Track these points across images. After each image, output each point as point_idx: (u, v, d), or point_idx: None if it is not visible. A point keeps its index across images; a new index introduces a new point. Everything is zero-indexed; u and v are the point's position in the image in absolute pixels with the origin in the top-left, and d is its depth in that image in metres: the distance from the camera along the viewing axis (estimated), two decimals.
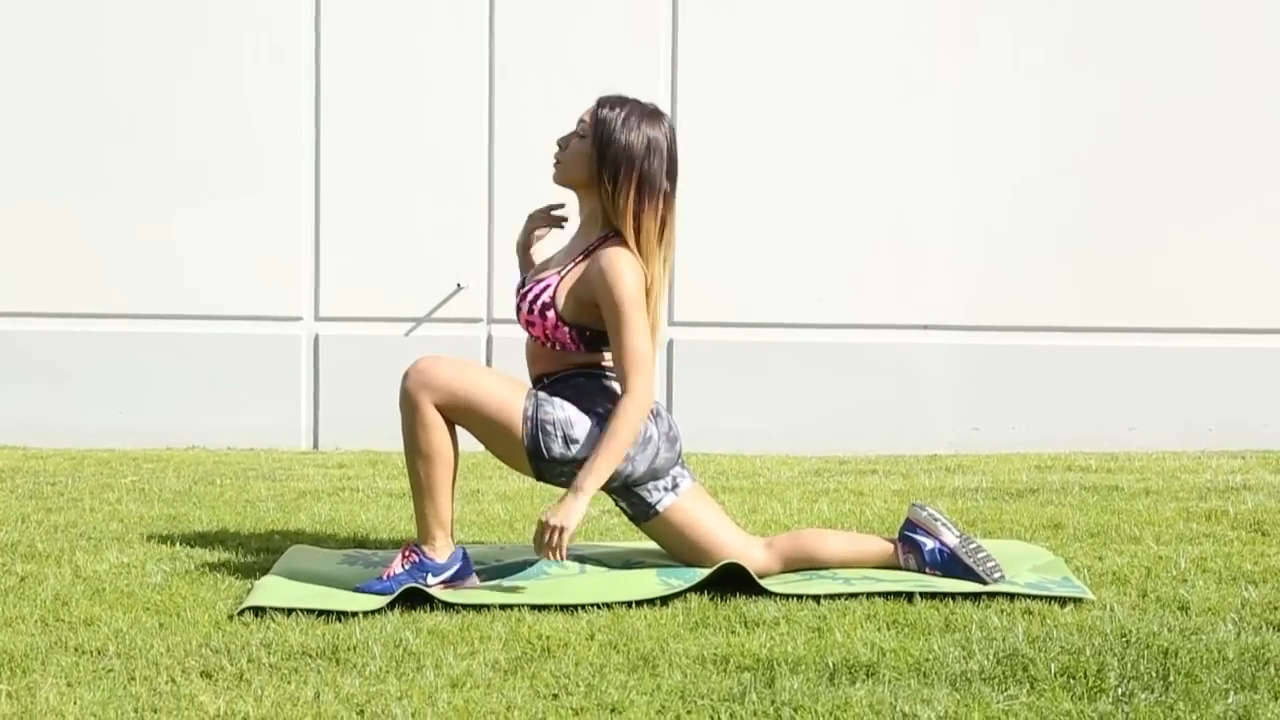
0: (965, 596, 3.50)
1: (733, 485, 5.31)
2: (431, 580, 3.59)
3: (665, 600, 3.50)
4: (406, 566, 3.60)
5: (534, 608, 3.45)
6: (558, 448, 3.60)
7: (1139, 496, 4.93)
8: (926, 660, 2.99)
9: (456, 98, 6.52)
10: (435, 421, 3.57)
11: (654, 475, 3.71)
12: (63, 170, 6.56)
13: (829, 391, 6.44)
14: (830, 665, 2.96)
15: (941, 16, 6.42)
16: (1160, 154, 6.38)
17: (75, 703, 2.80)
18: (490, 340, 6.51)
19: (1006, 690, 2.82)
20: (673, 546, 3.78)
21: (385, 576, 3.60)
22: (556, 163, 3.73)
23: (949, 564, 3.65)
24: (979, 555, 3.63)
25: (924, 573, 3.68)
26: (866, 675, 2.91)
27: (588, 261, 3.67)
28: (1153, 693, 2.79)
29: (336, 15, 6.54)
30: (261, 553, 4.12)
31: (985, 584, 3.57)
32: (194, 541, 4.26)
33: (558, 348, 3.71)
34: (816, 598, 3.49)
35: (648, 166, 3.63)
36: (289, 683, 2.92)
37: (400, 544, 4.15)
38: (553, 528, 3.51)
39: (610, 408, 3.63)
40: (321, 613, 3.42)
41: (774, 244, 6.47)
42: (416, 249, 6.53)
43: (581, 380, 3.70)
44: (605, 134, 3.63)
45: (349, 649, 3.13)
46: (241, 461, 6.04)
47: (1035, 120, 6.41)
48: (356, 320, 6.57)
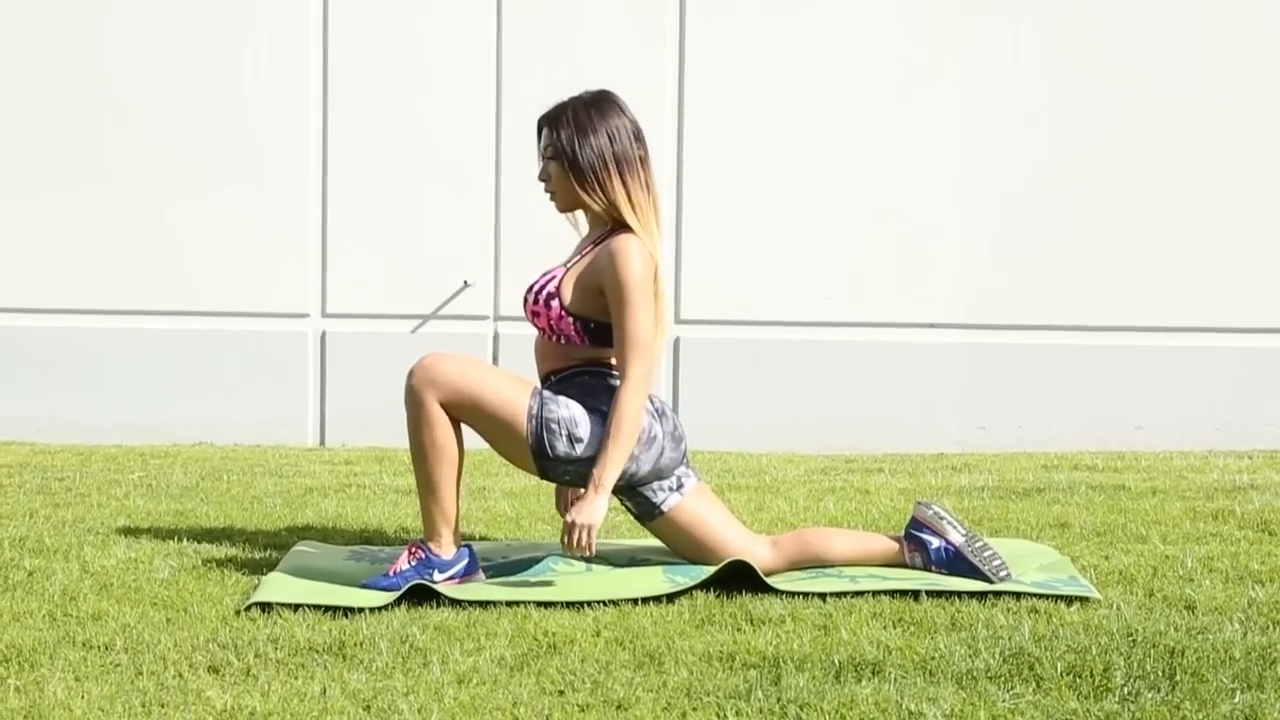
0: (971, 595, 3.50)
1: (739, 483, 5.31)
2: (438, 577, 3.59)
3: (671, 598, 3.50)
4: (413, 563, 3.61)
5: (540, 604, 3.45)
6: (562, 446, 3.61)
7: (1146, 496, 4.92)
8: (932, 658, 2.99)
9: (464, 94, 6.52)
10: (440, 419, 3.58)
11: (659, 475, 3.71)
12: (64, 168, 6.56)
13: (835, 390, 6.44)
14: (836, 663, 2.96)
15: (946, 15, 6.42)
16: (1167, 151, 6.37)
17: (83, 697, 2.80)
18: (497, 337, 6.51)
19: (1012, 689, 2.81)
20: (678, 546, 3.78)
21: (392, 573, 3.61)
22: (551, 195, 3.77)
23: (955, 562, 3.65)
24: (985, 554, 3.63)
25: (930, 571, 3.68)
26: (872, 673, 2.91)
27: (596, 250, 3.68)
28: (1159, 692, 2.79)
29: (344, 11, 6.54)
30: (268, 549, 4.13)
31: (991, 583, 3.57)
32: (201, 537, 4.27)
33: (562, 340, 3.71)
34: (822, 596, 3.49)
35: (619, 150, 3.67)
36: (296, 678, 2.93)
37: (407, 540, 4.15)
38: (581, 526, 3.54)
39: None
40: (328, 608, 3.42)
41: (780, 242, 6.47)
42: (423, 246, 6.54)
43: (587, 378, 3.70)
44: (567, 150, 3.67)
45: (355, 645, 3.13)
46: (248, 458, 6.05)
47: (1041, 118, 6.40)
48: (363, 317, 6.57)
